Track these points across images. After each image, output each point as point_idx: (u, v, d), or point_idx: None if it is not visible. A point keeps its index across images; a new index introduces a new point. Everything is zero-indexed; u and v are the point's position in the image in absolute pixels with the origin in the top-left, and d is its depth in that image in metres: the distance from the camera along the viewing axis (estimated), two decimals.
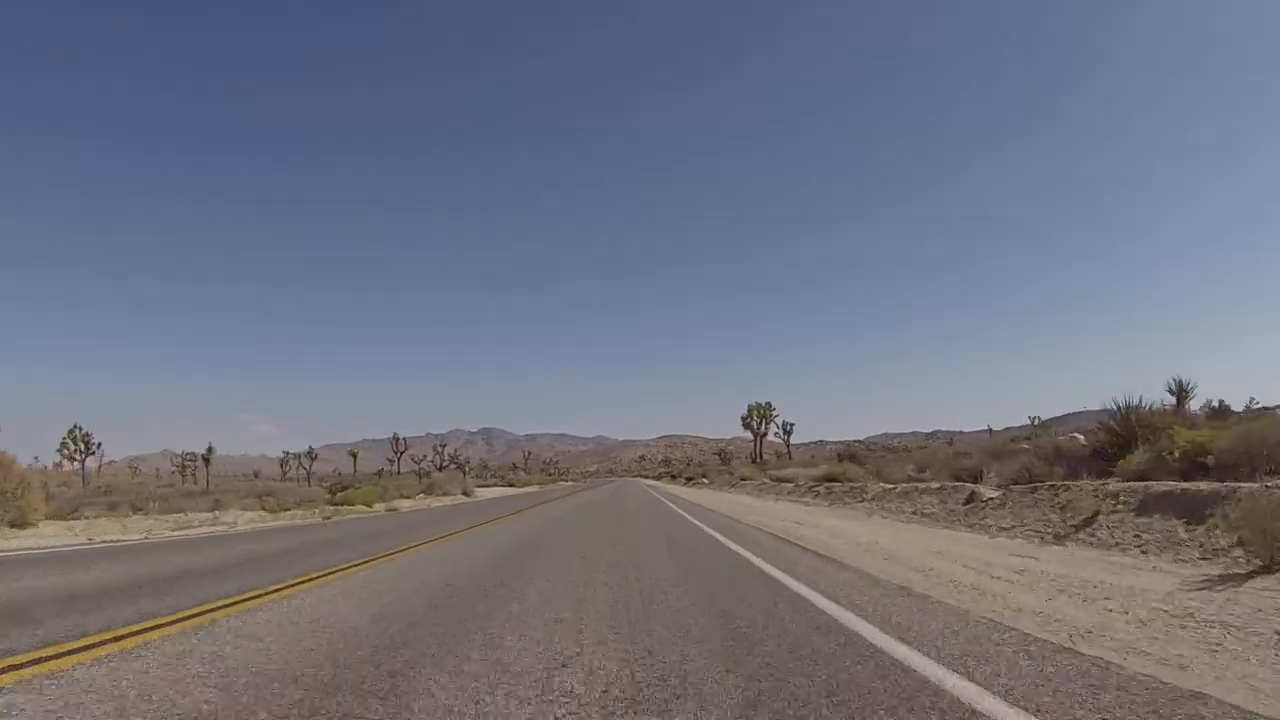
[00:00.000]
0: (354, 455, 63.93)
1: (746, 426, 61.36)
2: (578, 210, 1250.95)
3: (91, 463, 54.59)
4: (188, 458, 76.44)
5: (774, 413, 62.26)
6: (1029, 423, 79.21)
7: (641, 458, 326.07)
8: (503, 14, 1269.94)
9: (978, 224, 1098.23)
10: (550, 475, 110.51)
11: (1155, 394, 14.59)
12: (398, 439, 64.39)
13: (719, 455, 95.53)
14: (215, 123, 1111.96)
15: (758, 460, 59.57)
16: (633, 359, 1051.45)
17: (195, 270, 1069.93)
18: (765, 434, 61.72)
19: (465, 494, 36.59)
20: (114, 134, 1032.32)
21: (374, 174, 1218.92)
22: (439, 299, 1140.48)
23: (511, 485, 66.13)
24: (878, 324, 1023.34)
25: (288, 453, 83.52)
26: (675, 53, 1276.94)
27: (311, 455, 75.34)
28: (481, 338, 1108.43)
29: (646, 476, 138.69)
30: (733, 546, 9.18)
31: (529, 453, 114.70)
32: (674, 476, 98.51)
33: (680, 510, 18.91)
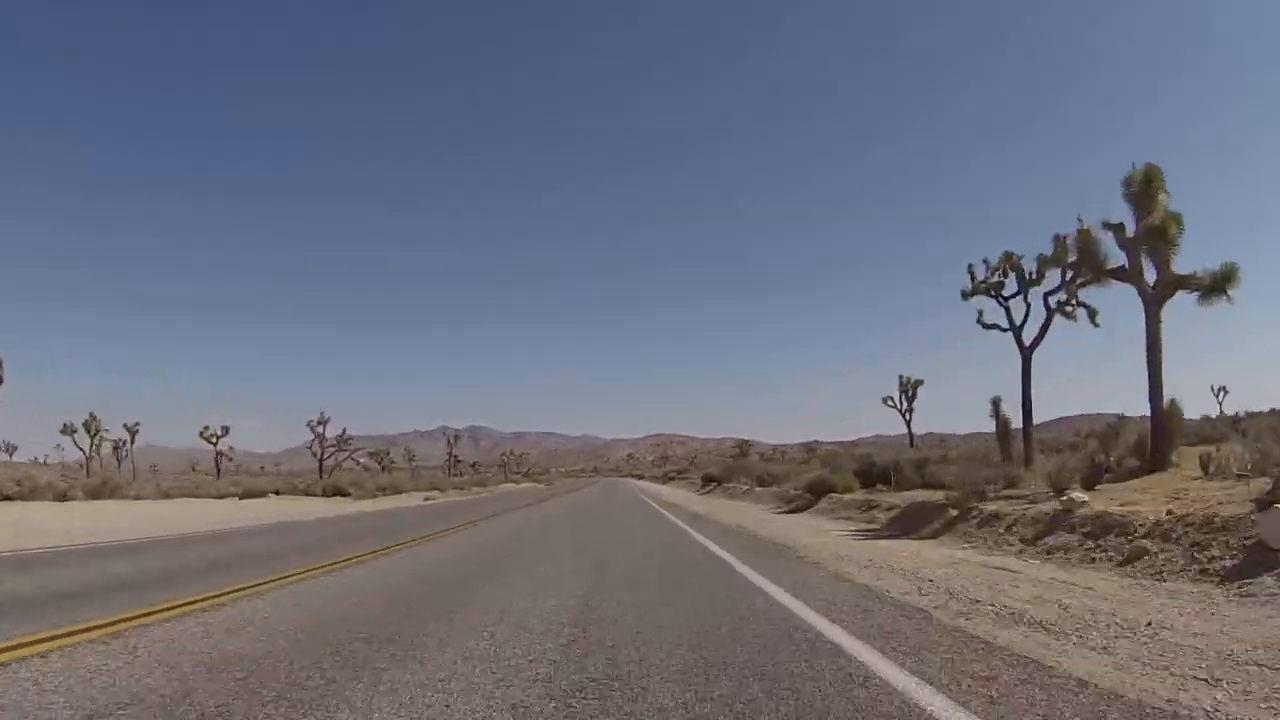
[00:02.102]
0: None
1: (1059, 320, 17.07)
2: (578, 210, 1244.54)
3: None
4: None
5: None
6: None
7: (630, 456, 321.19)
8: (503, 14, 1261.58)
9: (978, 224, 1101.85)
10: (479, 479, 71.62)
11: None
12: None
13: (738, 449, 79.20)
14: (215, 123, 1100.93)
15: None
16: (630, 359, 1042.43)
17: (195, 270, 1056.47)
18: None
19: None
20: (114, 134, 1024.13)
21: (374, 174, 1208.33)
22: (439, 299, 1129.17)
23: (383, 493, 36.16)
24: (878, 324, 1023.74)
25: None
26: (675, 53, 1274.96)
27: None
28: (481, 338, 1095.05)
29: (641, 477, 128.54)
30: None
31: (457, 435, 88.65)
32: (710, 480, 46.07)
33: None
